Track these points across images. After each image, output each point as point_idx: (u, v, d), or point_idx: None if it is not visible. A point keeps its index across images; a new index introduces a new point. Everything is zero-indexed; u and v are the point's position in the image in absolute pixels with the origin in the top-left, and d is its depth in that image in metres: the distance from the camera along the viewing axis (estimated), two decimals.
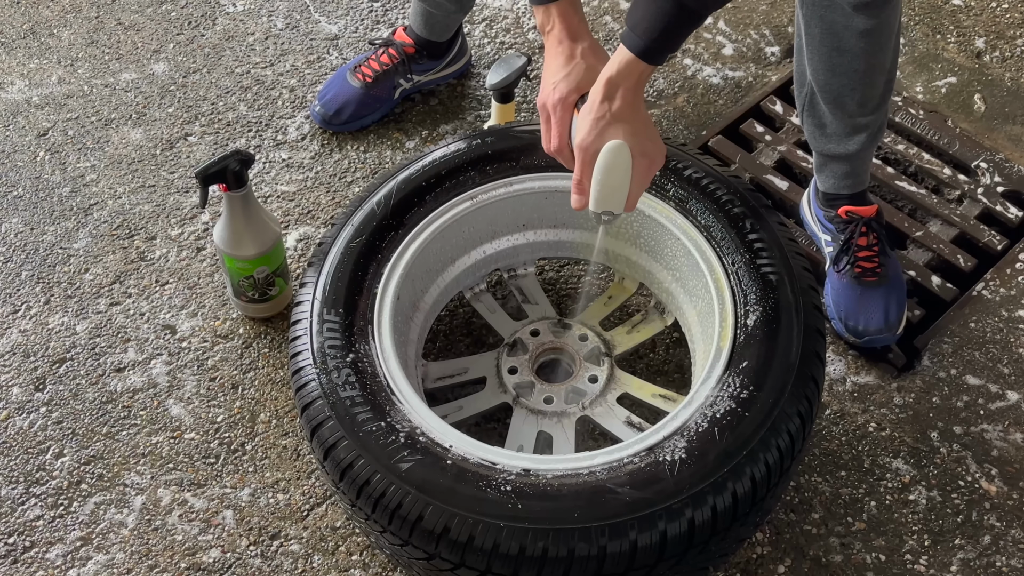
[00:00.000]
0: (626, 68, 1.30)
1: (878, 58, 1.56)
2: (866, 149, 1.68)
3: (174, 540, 1.55)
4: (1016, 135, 2.06)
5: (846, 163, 1.71)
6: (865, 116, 1.63)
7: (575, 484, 1.28)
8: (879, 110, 1.64)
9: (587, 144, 1.33)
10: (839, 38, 1.52)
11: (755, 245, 1.50)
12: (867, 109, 1.62)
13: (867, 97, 1.60)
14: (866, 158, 1.72)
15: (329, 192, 1.98)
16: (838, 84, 1.58)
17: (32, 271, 1.87)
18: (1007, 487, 1.59)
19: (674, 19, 1.24)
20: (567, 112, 1.39)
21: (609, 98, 1.31)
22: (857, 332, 1.72)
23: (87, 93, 2.16)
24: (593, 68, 1.39)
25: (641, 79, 1.31)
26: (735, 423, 1.33)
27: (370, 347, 1.43)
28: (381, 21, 2.29)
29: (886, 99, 1.64)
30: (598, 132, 1.32)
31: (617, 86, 1.30)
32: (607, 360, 1.64)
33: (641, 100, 1.33)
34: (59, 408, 1.69)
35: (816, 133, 1.69)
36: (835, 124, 1.65)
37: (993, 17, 2.29)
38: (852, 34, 1.51)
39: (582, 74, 1.39)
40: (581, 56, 1.40)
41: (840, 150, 1.68)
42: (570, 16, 1.42)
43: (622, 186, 1.34)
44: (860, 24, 1.50)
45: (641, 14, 1.26)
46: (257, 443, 1.65)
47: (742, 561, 1.52)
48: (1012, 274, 1.84)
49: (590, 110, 1.32)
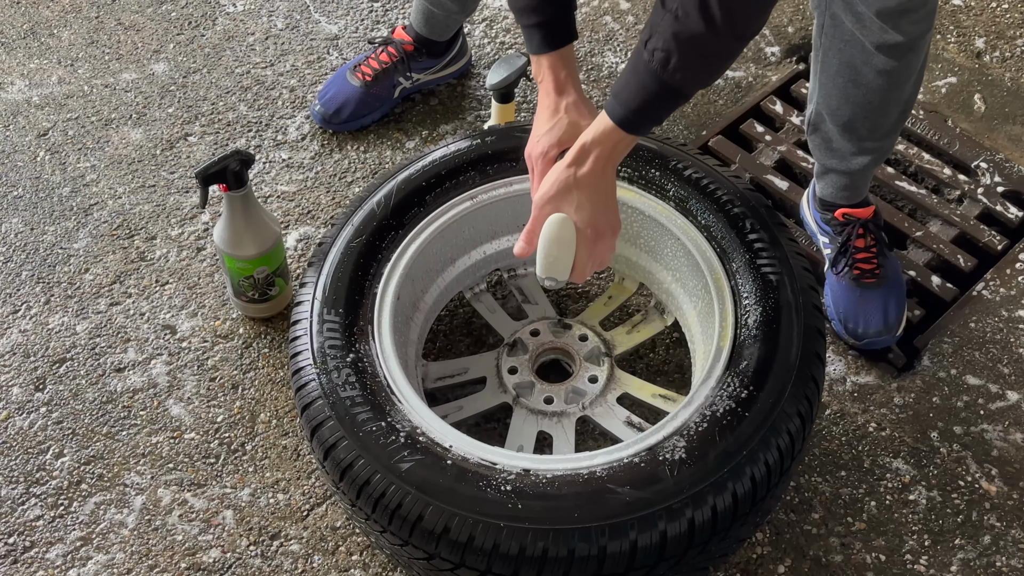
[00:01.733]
0: (602, 135, 1.30)
1: (895, 94, 1.54)
2: (869, 168, 1.68)
3: (174, 540, 1.55)
4: (1016, 135, 2.06)
5: (847, 177, 1.70)
6: (874, 141, 1.62)
7: (575, 484, 1.28)
8: (889, 136, 1.63)
9: (540, 204, 1.35)
10: (857, 72, 1.51)
11: (755, 245, 1.50)
12: (877, 136, 1.61)
13: (879, 125, 1.59)
14: (868, 174, 1.72)
15: (329, 192, 1.98)
16: (850, 112, 1.57)
17: (32, 271, 1.87)
18: (1007, 487, 1.59)
19: (655, 95, 1.24)
20: (548, 166, 1.40)
21: (578, 163, 1.32)
22: (856, 334, 1.72)
23: (87, 93, 2.16)
24: (575, 124, 1.40)
25: (617, 148, 1.31)
26: (735, 423, 1.33)
27: (370, 347, 1.43)
28: (381, 21, 2.29)
29: (898, 128, 1.62)
30: (554, 194, 1.33)
31: (589, 152, 1.31)
32: (607, 360, 1.64)
33: (611, 169, 1.33)
34: (59, 408, 1.69)
35: (821, 147, 1.68)
36: (841, 143, 1.64)
37: (993, 17, 2.29)
38: (871, 71, 1.50)
39: (564, 129, 1.40)
40: (565, 111, 1.41)
41: (842, 167, 1.68)
42: (559, 69, 1.42)
43: (566, 257, 1.35)
44: (880, 64, 1.48)
45: (623, 84, 1.26)
46: (257, 443, 1.65)
47: (742, 561, 1.52)
48: (1012, 274, 1.84)
49: (557, 170, 1.33)
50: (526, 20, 1.41)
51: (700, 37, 1.17)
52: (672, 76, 1.21)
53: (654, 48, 1.20)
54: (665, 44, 1.19)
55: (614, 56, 2.21)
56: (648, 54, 1.21)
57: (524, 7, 1.40)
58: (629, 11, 2.32)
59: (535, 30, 1.41)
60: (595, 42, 2.25)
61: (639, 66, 1.23)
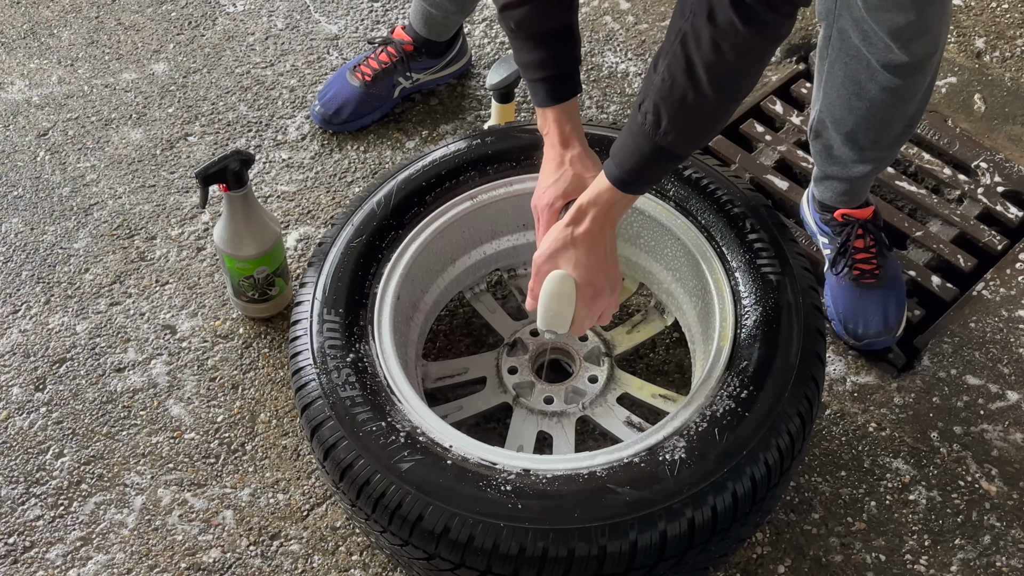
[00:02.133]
0: (599, 195, 1.31)
1: (900, 110, 1.54)
2: (869, 176, 1.68)
3: (174, 540, 1.55)
4: (1016, 135, 2.06)
5: (847, 183, 1.70)
6: (877, 151, 1.62)
7: (575, 484, 1.28)
8: (892, 147, 1.63)
9: (539, 263, 1.36)
10: (861, 87, 1.51)
11: (755, 245, 1.50)
12: (880, 147, 1.61)
13: (882, 137, 1.59)
14: (868, 181, 1.72)
15: (329, 192, 1.98)
16: (853, 123, 1.57)
17: (32, 271, 1.87)
18: (1007, 487, 1.59)
19: (648, 156, 1.25)
20: (552, 217, 1.42)
21: (576, 222, 1.33)
22: (856, 335, 1.72)
23: (87, 93, 2.16)
24: (580, 176, 1.41)
25: (614, 208, 1.32)
26: (735, 423, 1.33)
27: (370, 347, 1.43)
28: (381, 21, 2.29)
29: (903, 139, 1.62)
30: (553, 252, 1.34)
31: (587, 212, 1.32)
32: (607, 360, 1.64)
33: (610, 228, 1.34)
34: (59, 408, 1.69)
35: (822, 154, 1.68)
36: (843, 151, 1.64)
37: (993, 17, 2.29)
38: (875, 87, 1.50)
39: (569, 181, 1.42)
40: (570, 163, 1.43)
41: (843, 174, 1.68)
42: (563, 123, 1.43)
43: (565, 312, 1.36)
44: (885, 81, 1.48)
45: (620, 145, 1.27)
46: (257, 443, 1.65)
47: (742, 561, 1.52)
48: (1012, 274, 1.84)
49: (556, 229, 1.35)
50: (532, 75, 1.42)
51: (688, 100, 1.18)
52: (664, 139, 1.22)
53: (646, 111, 1.21)
54: (655, 107, 1.20)
55: (614, 56, 2.22)
56: (641, 116, 1.22)
57: (530, 62, 1.41)
58: (629, 11, 2.32)
59: (540, 84, 1.42)
60: (595, 42, 2.25)
61: (634, 128, 1.24)
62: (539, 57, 1.40)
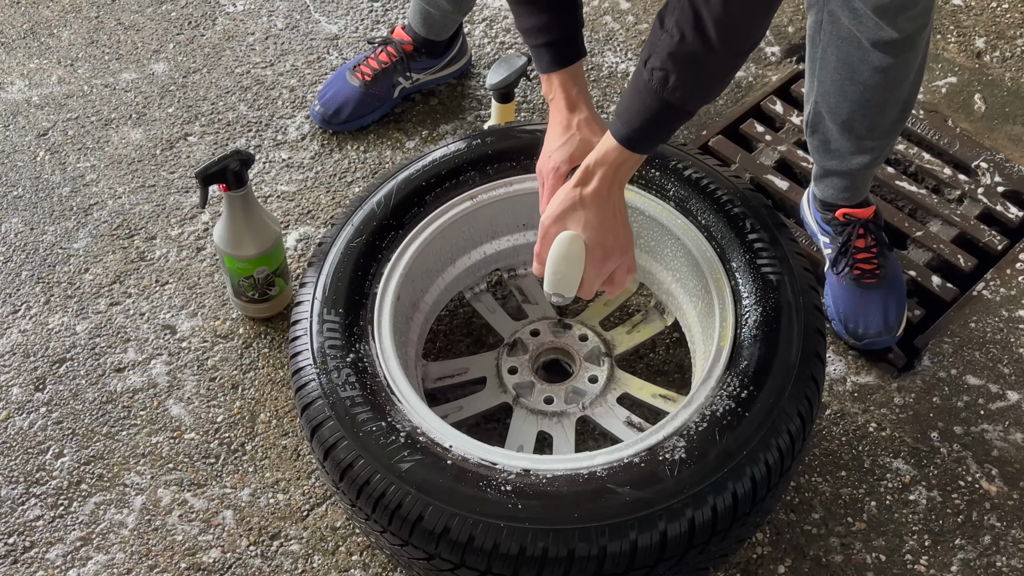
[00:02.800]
0: (606, 155, 1.31)
1: (894, 92, 1.54)
2: (869, 168, 1.67)
3: (174, 540, 1.55)
4: (1016, 135, 2.06)
5: (847, 178, 1.70)
6: (874, 140, 1.62)
7: (575, 484, 1.28)
8: (889, 135, 1.63)
9: (547, 225, 1.35)
10: (854, 70, 1.51)
11: (755, 245, 1.50)
12: (876, 134, 1.61)
13: (878, 124, 1.59)
14: (868, 175, 1.72)
15: (329, 192, 1.98)
16: (849, 109, 1.57)
17: (32, 271, 1.87)
18: (1007, 487, 1.59)
19: (656, 113, 1.24)
20: (558, 182, 1.41)
21: (583, 182, 1.32)
22: (857, 335, 1.72)
23: (87, 93, 2.16)
24: (587, 140, 1.40)
25: (622, 168, 1.31)
26: (735, 423, 1.33)
27: (370, 347, 1.43)
28: (381, 21, 2.29)
29: (899, 126, 1.62)
30: (560, 213, 1.33)
31: (594, 173, 1.31)
32: (607, 360, 1.64)
33: (618, 188, 1.33)
34: (59, 408, 1.69)
35: (820, 148, 1.68)
36: (841, 143, 1.64)
37: (993, 17, 2.29)
38: (868, 68, 1.50)
39: (576, 145, 1.41)
40: (577, 127, 1.42)
41: (842, 167, 1.68)
42: (569, 87, 1.43)
43: (573, 274, 1.35)
44: (877, 61, 1.48)
45: (626, 104, 1.27)
46: (257, 443, 1.65)
47: (742, 561, 1.52)
48: (1012, 274, 1.84)
49: (563, 190, 1.34)
50: (535, 40, 1.41)
51: (698, 55, 1.18)
52: (672, 94, 1.21)
53: (653, 67, 1.21)
54: (663, 63, 1.19)
55: (614, 56, 2.21)
56: (648, 73, 1.21)
57: (532, 27, 1.40)
58: (629, 11, 2.32)
59: (544, 49, 1.41)
60: (595, 42, 2.25)
61: (640, 86, 1.24)
62: (542, 21, 1.39)
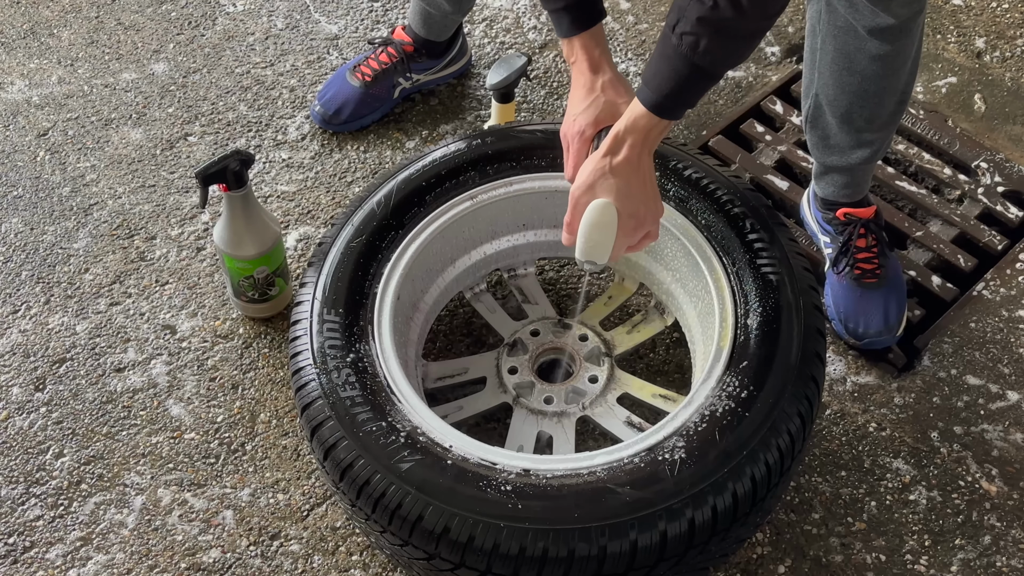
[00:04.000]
0: (635, 122, 1.30)
1: (891, 81, 1.54)
2: (869, 162, 1.67)
3: (174, 540, 1.55)
4: (1016, 135, 2.06)
5: (847, 174, 1.70)
6: (872, 132, 1.62)
7: (575, 484, 1.28)
8: (888, 128, 1.63)
9: (578, 195, 1.35)
10: (851, 60, 1.51)
11: (755, 245, 1.50)
12: (875, 126, 1.61)
13: (877, 115, 1.59)
14: (868, 170, 1.72)
15: (329, 192, 1.98)
16: (847, 101, 1.57)
17: (32, 271, 1.87)
18: (1007, 487, 1.59)
19: (686, 78, 1.24)
20: (584, 145, 1.40)
21: (613, 152, 1.32)
22: (857, 334, 1.72)
23: (87, 93, 2.16)
24: (612, 103, 1.40)
25: (651, 134, 1.31)
26: (735, 423, 1.33)
27: (370, 347, 1.43)
28: (381, 21, 2.29)
29: (896, 118, 1.62)
30: (591, 184, 1.33)
31: (623, 140, 1.31)
32: (607, 360, 1.64)
33: (647, 156, 1.33)
34: (59, 408, 1.69)
35: (819, 144, 1.68)
36: (840, 137, 1.64)
37: (993, 17, 2.29)
38: (865, 57, 1.50)
39: (601, 108, 1.40)
40: (601, 89, 1.41)
41: (842, 162, 1.68)
42: (591, 49, 1.42)
43: (606, 241, 1.36)
44: (874, 49, 1.49)
45: (654, 71, 1.26)
46: (257, 443, 1.65)
47: (742, 561, 1.52)
48: (1012, 274, 1.84)
49: (592, 160, 1.34)
50: (554, 5, 1.40)
51: (728, 20, 1.18)
52: (703, 59, 1.21)
53: (682, 32, 1.21)
54: (693, 28, 1.19)
55: (614, 56, 2.21)
56: (676, 39, 1.21)
57: None
58: (629, 11, 2.32)
59: (564, 13, 1.41)
60: None
61: (668, 51, 1.23)
62: None
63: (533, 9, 2.30)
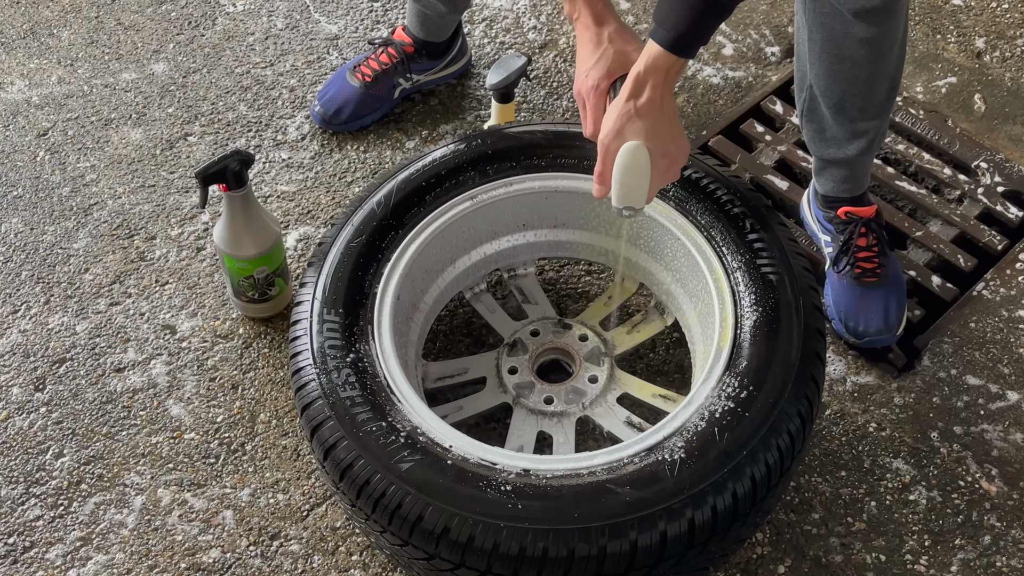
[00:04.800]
0: (654, 63, 1.30)
1: (880, 66, 1.55)
2: (866, 154, 1.68)
3: (174, 540, 1.55)
4: (1016, 135, 2.06)
5: (845, 168, 1.71)
6: (866, 121, 1.62)
7: (575, 484, 1.28)
8: (881, 116, 1.63)
9: (608, 142, 1.34)
10: (840, 46, 1.52)
11: (755, 245, 1.50)
12: (868, 115, 1.61)
13: (869, 103, 1.60)
14: (866, 163, 1.72)
15: (329, 192, 1.98)
16: (839, 90, 1.58)
17: (32, 271, 1.87)
18: (1007, 487, 1.59)
19: (700, 13, 1.25)
20: (601, 99, 1.40)
21: (635, 95, 1.31)
22: (857, 333, 1.72)
23: (87, 93, 2.16)
24: (622, 52, 1.40)
25: (670, 74, 1.31)
26: (735, 423, 1.33)
27: (370, 347, 1.43)
28: (381, 21, 2.29)
29: (889, 105, 1.63)
30: (619, 129, 1.33)
31: (645, 82, 1.31)
32: (607, 360, 1.64)
33: (669, 96, 1.33)
34: (59, 408, 1.69)
35: (816, 138, 1.69)
36: (835, 128, 1.64)
37: (993, 17, 2.29)
38: (853, 42, 1.51)
39: (611, 59, 1.40)
40: (609, 40, 1.41)
41: (839, 155, 1.68)
42: (594, 2, 1.42)
43: (641, 184, 1.35)
44: (861, 32, 1.49)
45: (668, 11, 1.27)
46: (257, 443, 1.65)
47: (742, 561, 1.52)
48: (1012, 274, 1.84)
49: (616, 106, 1.33)
50: None
51: None
52: None
53: None
54: None
55: None
56: None
57: None
58: (629, 11, 2.32)
59: None
60: None
61: None
62: None
63: (533, 9, 2.30)
